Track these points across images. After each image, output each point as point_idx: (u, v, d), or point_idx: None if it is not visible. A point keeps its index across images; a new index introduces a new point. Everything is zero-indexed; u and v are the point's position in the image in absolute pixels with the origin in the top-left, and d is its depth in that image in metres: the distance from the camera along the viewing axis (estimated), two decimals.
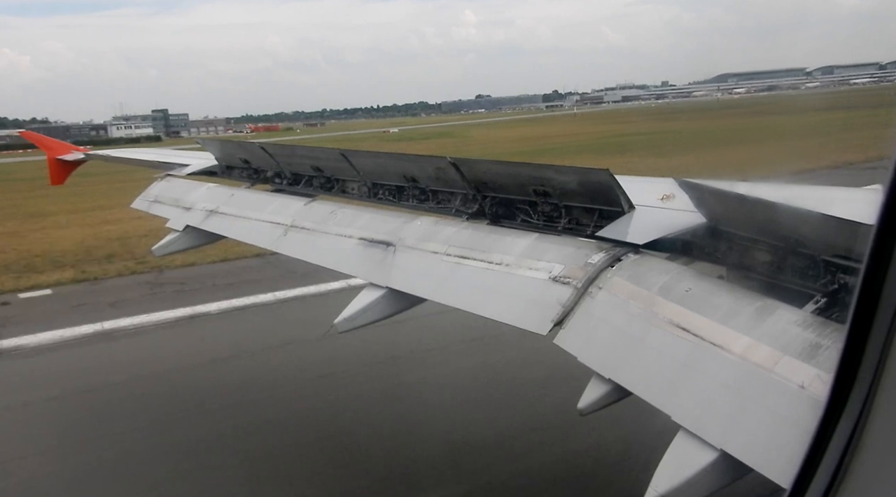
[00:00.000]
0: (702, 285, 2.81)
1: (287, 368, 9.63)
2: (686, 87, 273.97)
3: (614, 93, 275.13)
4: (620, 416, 3.41)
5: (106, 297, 13.59)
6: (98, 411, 8.51)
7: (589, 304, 3.10)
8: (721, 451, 2.21)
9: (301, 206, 5.52)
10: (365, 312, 4.14)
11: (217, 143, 7.79)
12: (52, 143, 10.62)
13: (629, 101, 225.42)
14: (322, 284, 12.36)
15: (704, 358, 2.47)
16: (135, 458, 7.25)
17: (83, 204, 27.38)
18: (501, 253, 3.75)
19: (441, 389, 8.62)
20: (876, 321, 1.08)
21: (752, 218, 2.91)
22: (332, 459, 7.09)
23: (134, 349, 10.79)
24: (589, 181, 3.71)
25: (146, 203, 7.40)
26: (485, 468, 6.67)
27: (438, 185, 4.75)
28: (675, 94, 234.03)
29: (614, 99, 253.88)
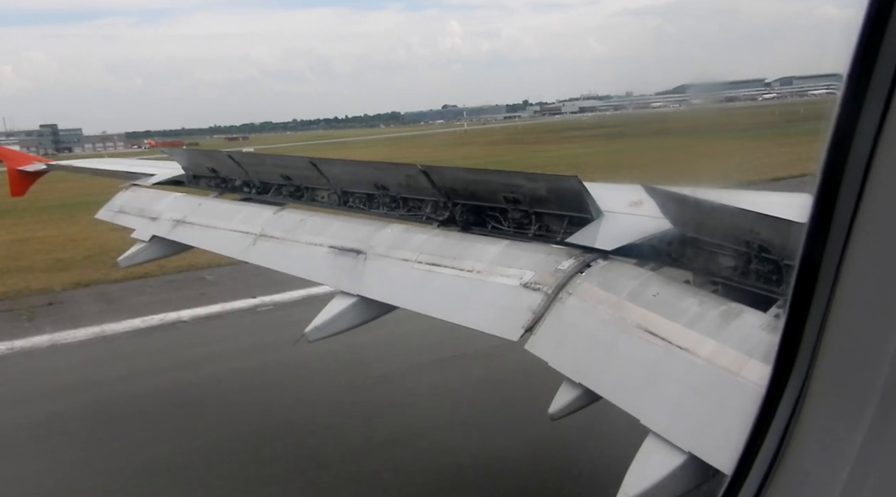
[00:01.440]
0: (669, 290, 2.85)
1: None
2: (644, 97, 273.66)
3: (572, 104, 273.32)
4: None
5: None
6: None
7: (559, 310, 3.12)
8: (689, 453, 2.23)
9: (270, 215, 5.47)
10: (336, 321, 4.10)
11: (184, 152, 7.71)
12: (13, 154, 10.37)
13: (586, 112, 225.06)
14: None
15: (672, 362, 2.50)
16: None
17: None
18: (472, 260, 3.76)
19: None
20: (810, 313, 1.15)
21: (717, 223, 2.97)
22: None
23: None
24: (558, 188, 3.75)
25: (111, 213, 7.26)
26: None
27: (409, 193, 4.75)
28: (634, 105, 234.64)
29: (572, 110, 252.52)
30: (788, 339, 1.20)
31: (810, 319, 1.15)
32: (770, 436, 1.27)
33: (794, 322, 1.18)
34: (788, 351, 1.20)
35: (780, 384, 1.24)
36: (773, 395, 1.26)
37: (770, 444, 1.27)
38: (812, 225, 1.12)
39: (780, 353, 1.23)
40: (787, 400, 1.22)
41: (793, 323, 1.19)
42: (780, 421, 1.25)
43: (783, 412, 1.23)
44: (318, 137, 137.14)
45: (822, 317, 1.12)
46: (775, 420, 1.26)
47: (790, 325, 1.19)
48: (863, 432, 1.06)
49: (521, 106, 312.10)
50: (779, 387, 1.24)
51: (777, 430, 1.25)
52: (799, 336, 1.18)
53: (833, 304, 1.11)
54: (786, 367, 1.22)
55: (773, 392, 1.26)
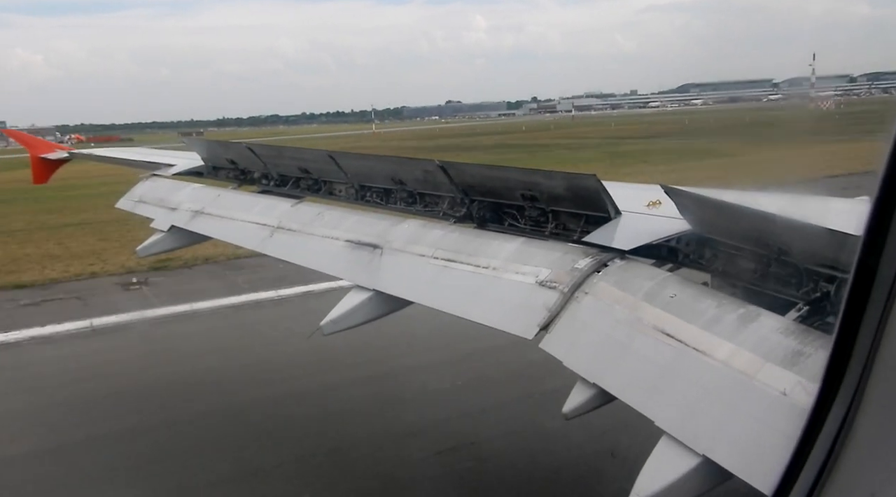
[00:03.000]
0: (686, 291, 2.83)
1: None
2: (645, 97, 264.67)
3: (567, 102, 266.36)
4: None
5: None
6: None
7: (575, 309, 3.11)
8: (703, 456, 2.22)
9: (288, 208, 5.50)
10: (351, 315, 4.12)
11: (204, 143, 7.75)
12: (36, 142, 10.50)
13: (582, 111, 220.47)
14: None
15: (688, 364, 2.49)
16: None
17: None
18: (488, 257, 3.76)
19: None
20: (861, 331, 1.10)
21: (737, 226, 2.94)
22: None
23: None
24: (576, 186, 3.73)
25: (131, 203, 7.34)
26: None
27: (426, 189, 4.75)
28: (630, 104, 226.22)
29: (566, 108, 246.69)
30: (837, 358, 1.15)
31: (862, 332, 1.10)
32: (815, 452, 1.23)
33: (845, 335, 1.13)
34: (836, 370, 1.15)
35: (826, 404, 1.19)
36: (817, 415, 1.21)
37: (815, 461, 1.23)
38: (869, 232, 1.05)
39: (828, 372, 1.18)
40: (832, 421, 1.17)
41: (842, 341, 1.13)
42: (823, 443, 1.20)
43: (827, 434, 1.18)
44: (275, 134, 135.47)
45: (876, 329, 1.07)
46: (818, 442, 1.21)
47: (839, 343, 1.14)
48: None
49: (522, 103, 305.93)
50: (824, 407, 1.19)
51: (823, 448, 1.21)
52: (847, 356, 1.12)
53: (890, 316, 1.06)
54: (832, 388, 1.17)
55: (818, 412, 1.21)
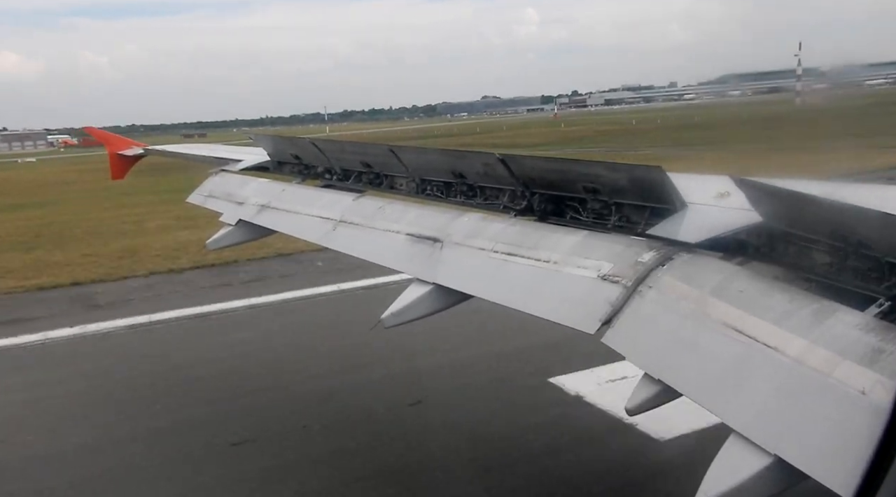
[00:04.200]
0: (756, 286, 2.73)
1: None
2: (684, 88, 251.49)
3: (599, 96, 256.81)
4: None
5: None
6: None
7: (638, 304, 3.05)
8: (775, 456, 2.15)
9: (350, 202, 5.59)
10: (412, 308, 4.16)
11: (269, 138, 7.95)
12: (113, 138, 11.00)
13: (612, 105, 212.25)
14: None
15: (758, 360, 2.41)
16: None
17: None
18: (549, 250, 3.72)
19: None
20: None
21: (811, 217, 2.82)
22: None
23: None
24: (640, 178, 3.65)
25: (201, 197, 7.61)
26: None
27: (486, 182, 4.74)
28: (664, 97, 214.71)
29: (597, 102, 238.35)
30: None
31: None
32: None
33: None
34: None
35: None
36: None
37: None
38: None
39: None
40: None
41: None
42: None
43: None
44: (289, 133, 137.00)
45: None
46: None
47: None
48: None
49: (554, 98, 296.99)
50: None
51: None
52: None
53: None
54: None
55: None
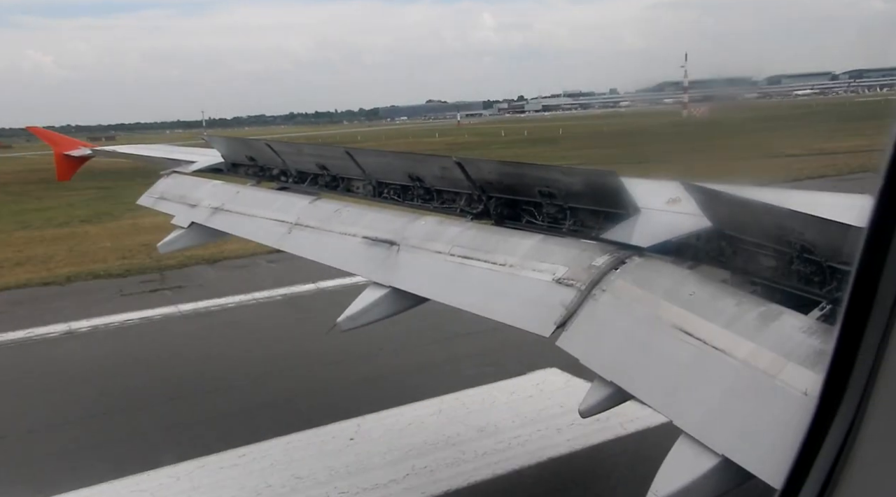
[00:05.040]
0: (706, 290, 2.79)
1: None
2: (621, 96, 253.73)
3: (536, 102, 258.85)
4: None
5: None
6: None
7: (592, 307, 3.08)
8: (723, 456, 2.19)
9: (306, 204, 5.52)
10: (367, 311, 4.13)
11: (223, 140, 7.81)
12: (59, 139, 10.66)
13: (550, 111, 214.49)
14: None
15: (707, 363, 2.46)
16: None
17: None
18: (506, 254, 3.74)
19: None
20: (870, 324, 1.08)
21: (758, 223, 2.89)
22: None
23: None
24: (595, 183, 3.70)
25: (152, 199, 7.42)
26: None
27: (443, 185, 4.74)
28: (600, 104, 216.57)
29: (535, 108, 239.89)
30: (844, 352, 1.13)
31: (869, 330, 1.08)
32: (824, 453, 1.20)
33: (849, 333, 1.11)
34: (844, 364, 1.13)
35: (836, 399, 1.16)
36: (826, 410, 1.19)
37: (823, 463, 1.21)
38: (873, 227, 1.04)
39: (834, 366, 1.16)
40: (842, 416, 1.15)
41: (848, 334, 1.11)
42: (834, 439, 1.17)
43: (838, 430, 1.16)
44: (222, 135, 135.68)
45: (884, 329, 1.05)
46: (829, 438, 1.19)
47: (845, 336, 1.12)
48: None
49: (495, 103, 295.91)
50: (833, 401, 1.17)
51: (832, 448, 1.18)
52: (855, 349, 1.10)
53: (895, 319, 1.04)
54: (840, 381, 1.14)
55: (826, 407, 1.19)
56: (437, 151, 59.42)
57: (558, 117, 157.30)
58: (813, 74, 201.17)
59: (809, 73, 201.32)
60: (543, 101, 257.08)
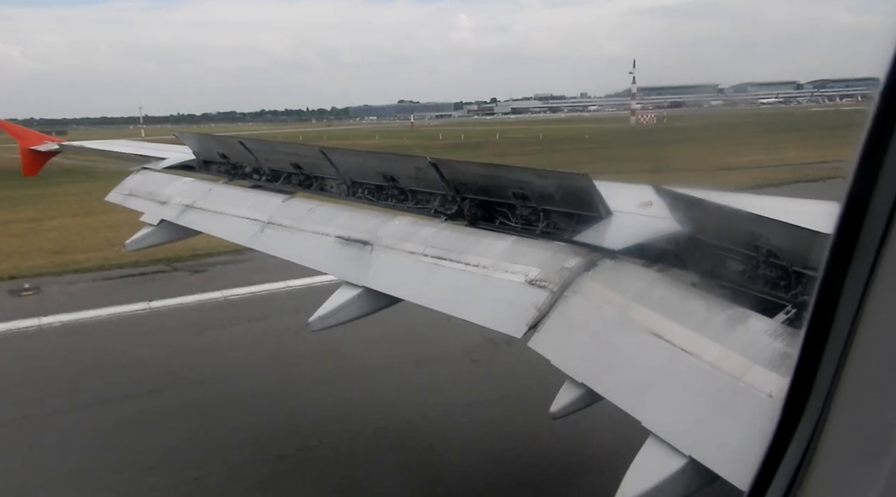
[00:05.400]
0: (675, 292, 2.83)
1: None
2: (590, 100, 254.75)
3: (505, 105, 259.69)
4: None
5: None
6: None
7: (564, 309, 3.10)
8: (689, 457, 2.22)
9: (279, 203, 5.47)
10: (339, 311, 4.10)
11: (195, 136, 7.69)
12: (25, 133, 10.41)
13: (519, 114, 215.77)
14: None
15: (676, 365, 2.49)
16: None
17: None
18: (479, 255, 3.75)
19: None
20: (834, 328, 1.10)
21: (727, 227, 2.94)
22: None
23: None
24: (568, 186, 3.73)
25: (121, 196, 7.28)
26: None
27: (418, 186, 4.73)
28: (569, 108, 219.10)
29: (505, 110, 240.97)
30: (808, 355, 1.15)
31: (833, 335, 1.10)
32: (790, 454, 1.23)
33: (814, 336, 1.13)
34: (809, 366, 1.15)
35: (801, 401, 1.19)
36: (792, 412, 1.21)
37: (789, 464, 1.23)
38: (838, 233, 1.06)
39: (800, 369, 1.18)
40: (807, 418, 1.17)
41: (813, 337, 1.14)
42: (800, 440, 1.20)
43: (804, 431, 1.18)
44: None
45: (848, 334, 1.08)
46: (795, 438, 1.21)
47: (810, 339, 1.14)
48: (892, 462, 1.02)
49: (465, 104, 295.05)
50: (799, 403, 1.19)
51: (798, 449, 1.20)
52: (821, 350, 1.12)
53: (860, 318, 1.06)
54: (806, 383, 1.17)
55: (791, 408, 1.21)
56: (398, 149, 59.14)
57: (522, 120, 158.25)
58: (778, 83, 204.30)
59: (775, 82, 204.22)
60: (514, 104, 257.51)
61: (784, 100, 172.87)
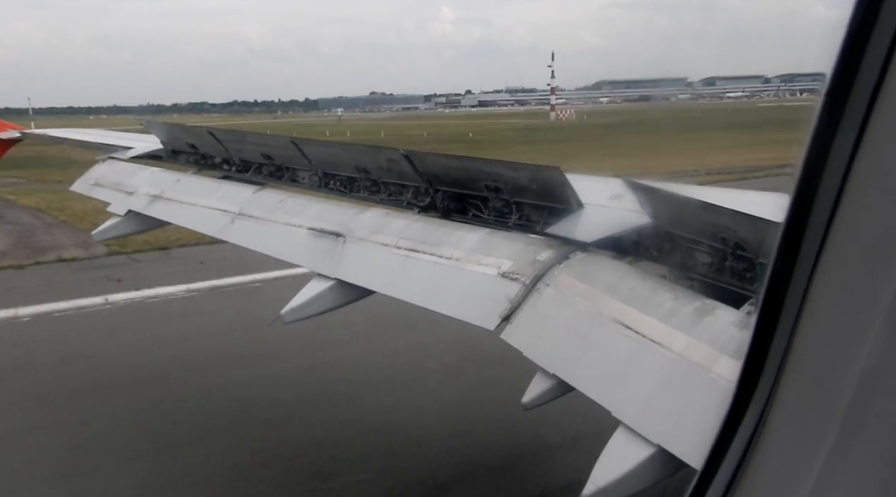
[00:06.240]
0: (645, 284, 2.87)
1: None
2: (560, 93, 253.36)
3: (472, 98, 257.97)
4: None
5: None
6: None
7: (536, 301, 3.14)
8: (658, 446, 2.26)
9: (250, 194, 5.41)
10: (312, 303, 4.09)
11: (163, 126, 7.56)
12: None
13: (486, 106, 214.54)
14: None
15: (645, 356, 2.53)
16: None
17: None
18: (452, 247, 3.76)
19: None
20: (783, 313, 1.17)
21: (694, 220, 2.99)
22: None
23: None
24: (540, 178, 3.75)
25: (87, 186, 7.13)
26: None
27: (391, 178, 4.72)
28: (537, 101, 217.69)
29: (472, 103, 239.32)
30: (761, 337, 1.22)
31: (782, 320, 1.17)
32: (740, 433, 1.29)
33: (766, 320, 1.20)
34: (760, 349, 1.22)
35: (752, 381, 1.25)
36: (743, 393, 1.28)
37: (740, 442, 1.30)
38: (787, 224, 1.13)
39: (752, 351, 1.25)
40: (758, 398, 1.24)
41: (765, 321, 1.20)
42: (750, 419, 1.26)
43: (754, 410, 1.25)
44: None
45: (795, 319, 1.14)
46: (746, 418, 1.28)
47: (763, 322, 1.21)
48: (834, 431, 1.08)
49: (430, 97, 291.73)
50: (750, 384, 1.26)
51: (748, 428, 1.27)
52: (771, 334, 1.19)
53: (805, 308, 1.13)
54: (757, 365, 1.23)
55: (743, 389, 1.28)
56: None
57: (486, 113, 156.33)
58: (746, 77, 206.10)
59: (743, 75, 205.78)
60: (481, 97, 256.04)
61: (750, 93, 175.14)
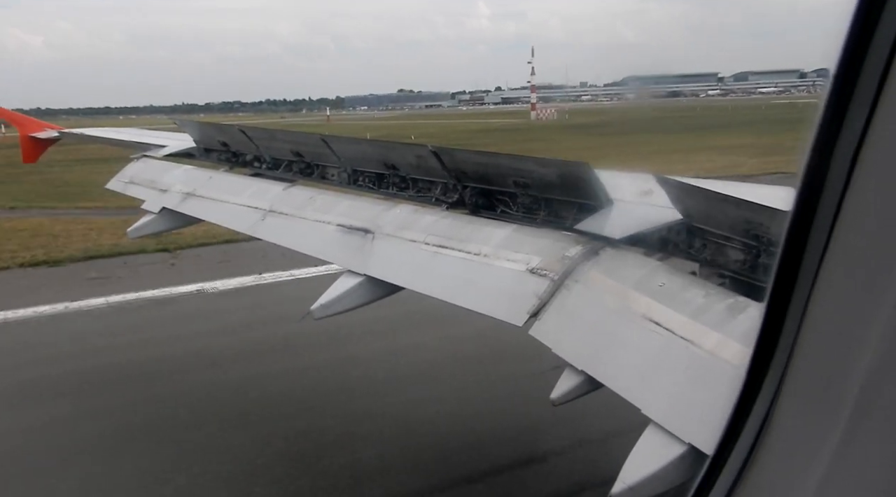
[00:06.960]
0: (675, 281, 2.85)
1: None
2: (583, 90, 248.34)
3: (495, 95, 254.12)
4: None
5: None
6: None
7: (565, 297, 3.13)
8: (689, 444, 2.25)
9: (280, 191, 5.48)
10: (342, 300, 4.12)
11: (196, 124, 7.69)
12: (25, 120, 10.40)
13: (510, 103, 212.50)
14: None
15: (675, 353, 2.51)
16: None
17: None
18: (480, 243, 3.76)
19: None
20: (791, 307, 1.19)
21: (727, 216, 2.95)
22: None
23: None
24: (568, 174, 3.74)
25: (121, 184, 7.29)
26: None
27: (419, 174, 4.74)
28: (562, 98, 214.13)
29: (495, 100, 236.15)
30: (769, 328, 1.24)
31: (791, 311, 1.19)
32: (750, 423, 1.30)
33: (774, 311, 1.22)
34: (769, 338, 1.23)
35: (762, 370, 1.27)
36: (753, 383, 1.29)
37: (750, 432, 1.31)
38: (795, 216, 1.14)
39: (761, 341, 1.26)
40: (767, 388, 1.25)
41: (774, 312, 1.22)
42: (760, 408, 1.28)
43: (763, 400, 1.27)
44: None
45: (802, 310, 1.16)
46: (755, 407, 1.29)
47: (771, 314, 1.23)
48: (843, 421, 1.08)
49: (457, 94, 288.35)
50: (760, 373, 1.27)
51: (757, 418, 1.28)
52: (780, 325, 1.21)
53: (812, 299, 1.14)
54: (767, 355, 1.25)
55: (753, 379, 1.29)
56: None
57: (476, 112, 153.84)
58: (781, 72, 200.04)
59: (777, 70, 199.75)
60: (504, 94, 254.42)
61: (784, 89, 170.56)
